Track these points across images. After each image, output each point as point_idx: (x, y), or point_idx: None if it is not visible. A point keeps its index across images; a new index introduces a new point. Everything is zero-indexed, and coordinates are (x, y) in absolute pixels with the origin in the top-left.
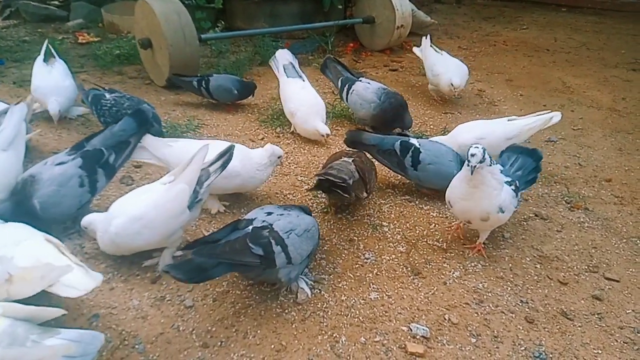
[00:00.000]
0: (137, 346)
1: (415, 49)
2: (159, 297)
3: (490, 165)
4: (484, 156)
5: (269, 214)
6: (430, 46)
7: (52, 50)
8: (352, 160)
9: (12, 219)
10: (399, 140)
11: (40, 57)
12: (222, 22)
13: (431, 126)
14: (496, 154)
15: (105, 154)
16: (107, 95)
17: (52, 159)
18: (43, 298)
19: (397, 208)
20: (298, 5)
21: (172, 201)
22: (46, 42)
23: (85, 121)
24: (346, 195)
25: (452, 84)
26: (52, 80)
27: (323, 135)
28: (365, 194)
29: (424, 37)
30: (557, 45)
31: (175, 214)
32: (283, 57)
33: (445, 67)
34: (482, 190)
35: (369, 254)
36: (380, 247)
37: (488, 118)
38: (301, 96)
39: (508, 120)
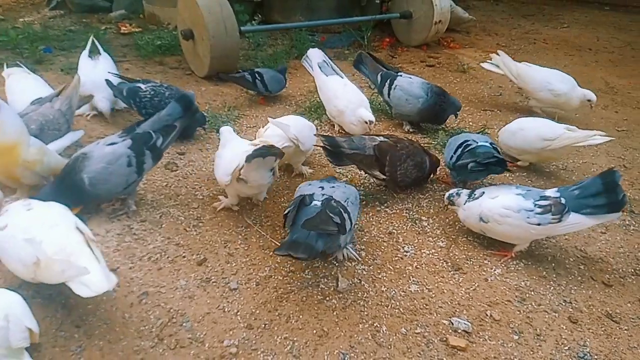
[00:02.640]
0: (184, 324)
1: (485, 65)
2: (204, 279)
3: (467, 198)
4: (450, 197)
5: (322, 187)
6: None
7: (98, 45)
8: (381, 140)
9: (61, 193)
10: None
11: (86, 52)
12: (259, 16)
13: (470, 123)
14: (532, 148)
15: (153, 137)
16: (143, 86)
17: (105, 139)
18: None
19: (437, 203)
20: None
21: (229, 161)
22: (91, 37)
23: (131, 108)
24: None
25: (589, 100)
26: (96, 75)
27: (367, 123)
28: (380, 175)
29: (496, 54)
30: (599, 45)
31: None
32: (316, 55)
33: (563, 84)
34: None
35: (408, 247)
36: (420, 241)
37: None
38: (346, 94)
39: (565, 128)
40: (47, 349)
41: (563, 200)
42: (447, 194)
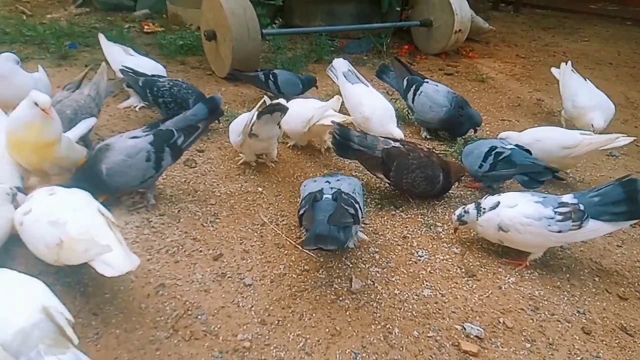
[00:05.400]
0: (199, 317)
1: (554, 70)
2: (220, 274)
3: (477, 212)
4: (460, 217)
5: (328, 182)
6: (572, 71)
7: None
8: (393, 146)
9: (80, 181)
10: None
11: (119, 48)
12: (280, 19)
13: (488, 132)
14: (552, 158)
15: (175, 135)
16: (161, 79)
17: (129, 132)
18: None
19: (452, 209)
20: (356, 6)
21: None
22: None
23: (145, 99)
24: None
25: (592, 125)
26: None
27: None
28: (384, 178)
29: (564, 63)
30: (620, 59)
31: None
32: (341, 65)
33: (589, 101)
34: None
35: (422, 252)
36: (434, 246)
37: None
38: (372, 100)
39: (580, 134)
40: None
41: (582, 207)
42: (455, 215)
